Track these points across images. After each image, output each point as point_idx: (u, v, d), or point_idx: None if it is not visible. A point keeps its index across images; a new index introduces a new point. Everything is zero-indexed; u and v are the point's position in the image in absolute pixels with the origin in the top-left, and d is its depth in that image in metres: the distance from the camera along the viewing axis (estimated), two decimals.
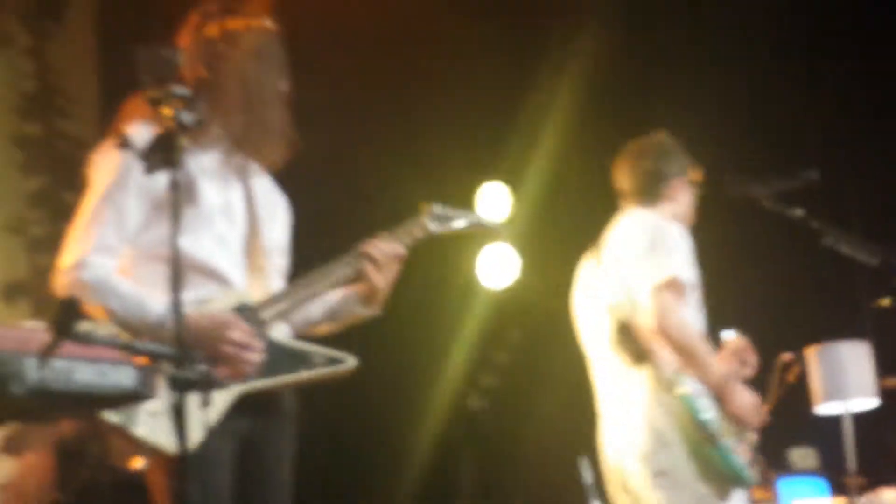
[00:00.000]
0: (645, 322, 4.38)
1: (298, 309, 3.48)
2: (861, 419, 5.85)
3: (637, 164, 4.71)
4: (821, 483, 6.53)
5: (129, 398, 2.83)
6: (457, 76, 7.53)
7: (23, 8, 7.30)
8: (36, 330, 2.63)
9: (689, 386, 4.31)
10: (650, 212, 4.59)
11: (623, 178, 4.78)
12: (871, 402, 5.88)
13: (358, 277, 3.44)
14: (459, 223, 3.80)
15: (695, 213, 4.79)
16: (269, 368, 3.29)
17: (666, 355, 4.37)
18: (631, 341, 4.51)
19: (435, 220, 3.68)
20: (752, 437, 4.55)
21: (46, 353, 2.48)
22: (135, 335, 3.10)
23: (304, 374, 3.37)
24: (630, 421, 4.44)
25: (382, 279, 3.43)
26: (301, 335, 3.48)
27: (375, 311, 3.55)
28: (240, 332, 3.22)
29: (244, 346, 3.21)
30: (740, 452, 4.36)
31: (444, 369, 6.95)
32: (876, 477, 5.87)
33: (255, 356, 3.24)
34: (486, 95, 7.59)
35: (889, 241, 4.79)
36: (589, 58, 7.74)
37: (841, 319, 6.69)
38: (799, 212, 4.53)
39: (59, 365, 2.56)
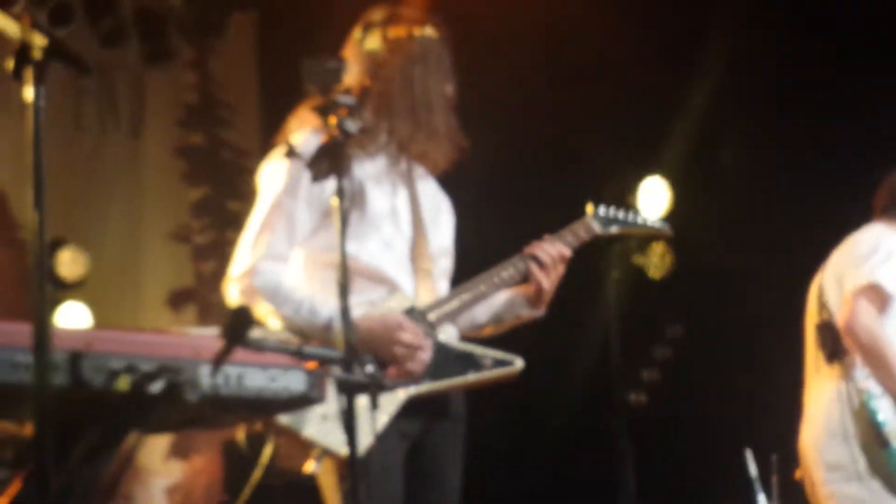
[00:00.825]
0: (838, 321, 4.48)
1: (465, 311, 3.56)
2: None
3: (888, 181, 4.74)
4: None
5: (299, 402, 2.96)
6: (614, 73, 7.70)
7: (186, 23, 7.56)
8: (209, 337, 2.75)
9: (873, 388, 4.39)
10: (887, 226, 4.65)
11: (876, 193, 4.86)
12: None
13: (523, 279, 3.52)
14: (624, 225, 3.93)
15: None
16: (437, 371, 3.40)
17: (858, 356, 4.49)
18: (830, 340, 4.59)
19: (600, 221, 3.80)
20: None
21: (219, 361, 2.60)
22: (305, 339, 3.15)
23: (472, 377, 3.46)
24: (814, 413, 4.57)
25: (548, 281, 3.50)
26: (467, 337, 3.55)
27: (541, 312, 3.62)
28: (410, 333, 3.31)
29: (415, 348, 3.31)
30: None
31: (604, 365, 6.72)
32: None
33: (426, 357, 3.34)
34: (645, 91, 7.69)
35: None
36: (746, 50, 7.73)
37: None
38: None
39: (231, 371, 2.71)
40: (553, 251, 3.55)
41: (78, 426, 2.64)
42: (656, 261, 5.81)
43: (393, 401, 3.35)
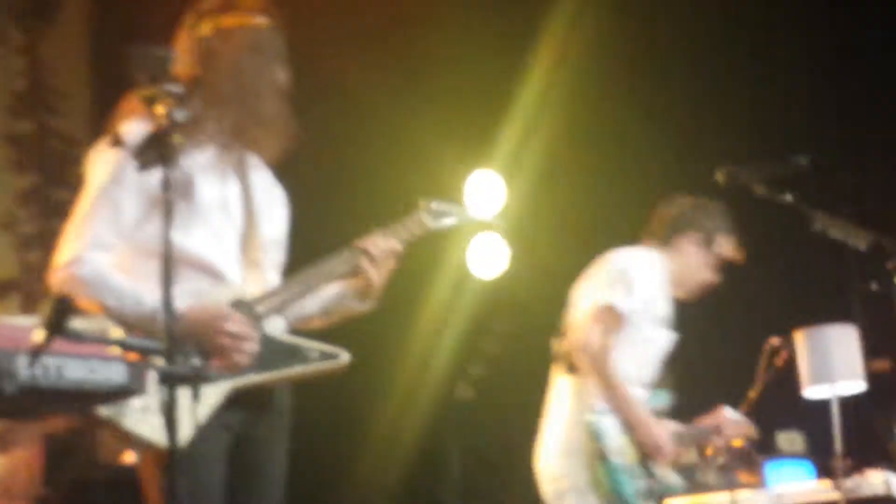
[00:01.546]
0: (571, 338, 4.53)
1: (294, 303, 3.46)
2: (847, 402, 5.86)
3: (666, 209, 4.81)
4: (807, 466, 6.53)
5: (119, 394, 2.82)
6: (449, 66, 7.59)
7: (15, 8, 7.45)
8: (27, 328, 2.60)
9: (599, 405, 4.40)
10: (648, 252, 4.72)
11: (651, 217, 4.91)
12: (857, 386, 5.86)
13: (354, 273, 3.44)
14: (455, 219, 3.82)
15: (703, 283, 4.83)
16: (263, 363, 3.27)
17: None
18: (566, 354, 4.64)
19: (432, 215, 3.70)
20: (670, 480, 4.64)
21: (37, 351, 2.49)
22: (130, 329, 3.05)
23: (298, 369, 3.35)
24: (547, 425, 4.64)
25: (378, 275, 3.44)
26: (295, 330, 3.46)
27: (370, 306, 3.55)
28: (236, 324, 3.20)
29: (241, 339, 3.19)
30: (640, 479, 4.46)
31: (432, 359, 6.95)
32: (861, 459, 5.90)
33: (251, 348, 3.22)
34: (480, 84, 7.63)
35: (879, 225, 4.72)
36: (583, 49, 7.69)
37: (829, 303, 6.62)
38: (789, 197, 4.52)
39: (49, 362, 2.57)
40: (383, 245, 3.48)
41: None
42: (486, 257, 5.91)
43: (216, 392, 3.21)
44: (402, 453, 7.30)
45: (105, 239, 3.29)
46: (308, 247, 3.56)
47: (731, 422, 4.88)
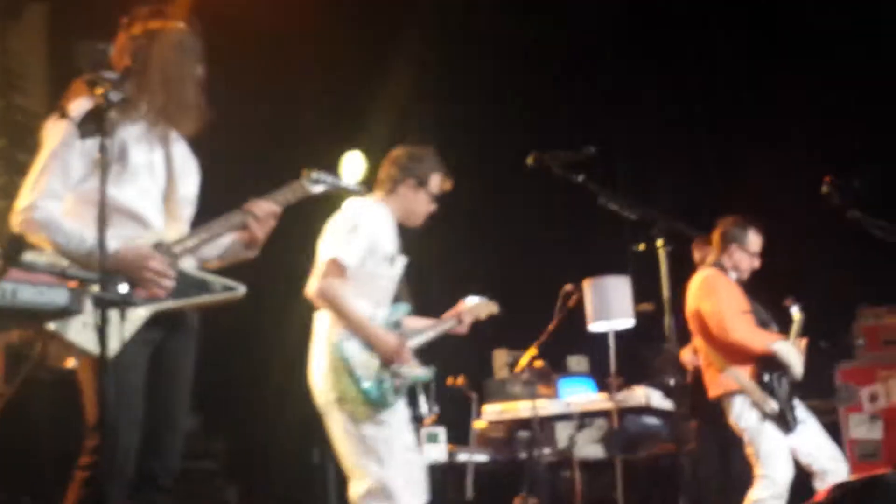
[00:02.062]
0: (310, 287, 4.74)
1: (201, 247, 3.79)
2: (621, 335, 6.54)
3: (389, 162, 5.06)
4: (590, 382, 7.28)
5: (63, 313, 3.17)
6: (328, 69, 8.24)
7: None
8: None
9: (342, 332, 4.63)
10: (376, 202, 4.96)
11: (380, 169, 5.18)
12: (628, 322, 6.55)
13: (243, 227, 3.82)
14: (329, 185, 4.23)
15: (426, 215, 5.04)
16: (178, 292, 3.61)
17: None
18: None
19: (311, 182, 4.07)
20: (414, 372, 4.84)
21: None
22: (74, 262, 3.37)
23: (205, 298, 3.72)
24: (314, 350, 4.83)
25: (261, 230, 3.81)
26: (202, 268, 3.81)
27: (254, 254, 3.93)
28: (157, 262, 3.56)
29: (160, 274, 3.55)
30: (384, 382, 4.65)
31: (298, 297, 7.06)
32: (630, 378, 6.68)
33: (169, 282, 3.57)
34: (350, 84, 8.34)
35: (646, 200, 5.12)
36: (417, 62, 8.39)
37: (609, 260, 7.08)
38: (581, 177, 4.77)
39: (6, 286, 2.92)
40: (266, 207, 3.82)
41: None
42: None
43: (140, 315, 3.55)
44: (281, 372, 7.17)
45: (56, 190, 3.57)
46: (212, 205, 3.90)
47: (470, 307, 5.19)
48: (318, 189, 4.19)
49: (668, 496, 6.26)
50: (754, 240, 6.19)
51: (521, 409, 6.74)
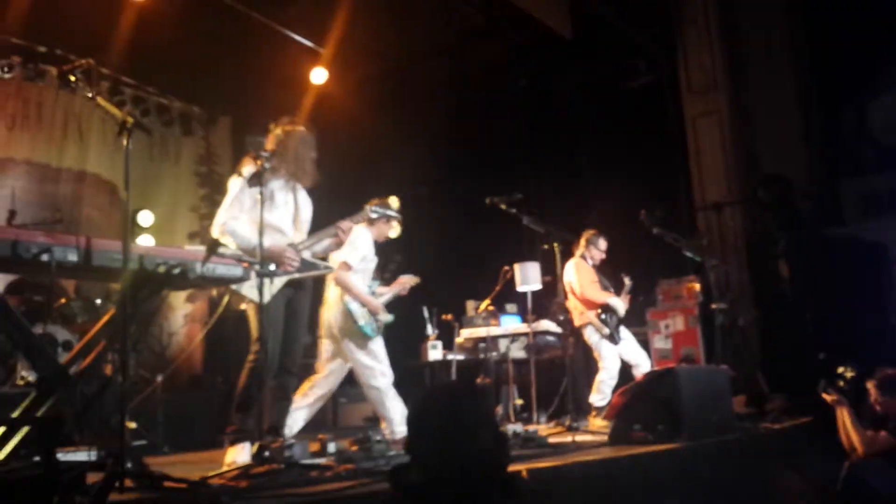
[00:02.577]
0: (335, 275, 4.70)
1: (312, 246, 3.88)
2: (536, 292, 6.46)
3: (365, 210, 4.54)
4: (518, 318, 7.14)
5: (239, 280, 3.44)
6: (377, 141, 8.17)
7: (196, 119, 8.27)
8: (199, 251, 3.24)
9: (346, 297, 4.68)
10: (366, 229, 4.85)
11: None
12: (538, 286, 6.49)
13: (335, 235, 3.90)
14: (380, 213, 4.26)
15: (388, 237, 4.95)
16: (300, 269, 3.77)
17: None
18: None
19: (372, 211, 4.18)
20: (385, 318, 4.75)
21: (204, 260, 3.14)
22: (246, 253, 3.51)
23: (314, 272, 3.86)
24: (329, 305, 4.82)
25: (344, 237, 3.89)
26: (314, 256, 3.92)
27: (339, 250, 4.09)
28: (290, 252, 3.69)
29: (291, 259, 3.69)
30: (372, 323, 4.65)
31: None
32: (539, 315, 6.64)
33: (295, 263, 3.71)
34: (391, 149, 8.17)
35: (547, 220, 5.68)
36: (442, 130, 8.31)
37: (529, 254, 7.19)
38: (513, 210, 5.32)
39: (210, 266, 3.20)
40: (346, 224, 3.89)
41: (142, 288, 2.97)
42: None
43: (280, 280, 3.66)
44: None
45: (236, 214, 3.69)
46: (318, 224, 4.00)
47: (405, 280, 5.13)
48: (374, 216, 4.30)
49: (558, 379, 6.35)
50: (602, 243, 6.42)
51: (481, 332, 6.82)
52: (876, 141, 8.21)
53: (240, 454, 3.49)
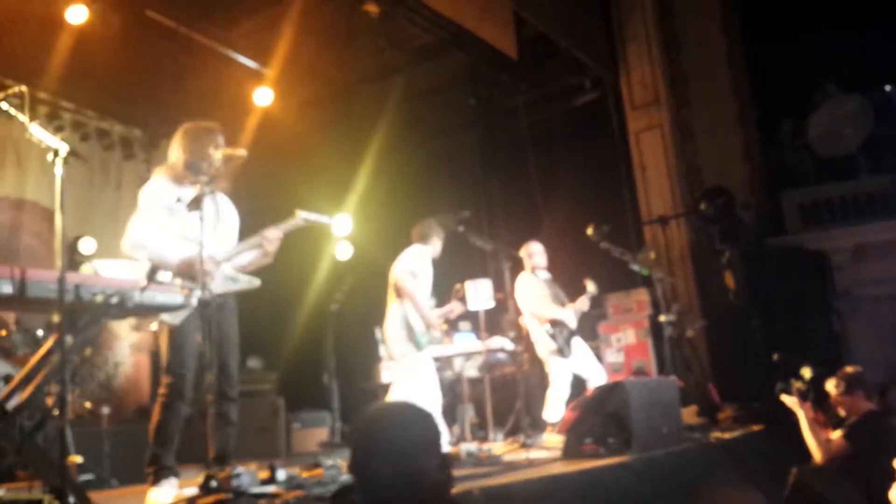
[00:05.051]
0: (395, 282, 5.12)
1: (236, 258, 3.72)
2: (488, 311, 5.80)
3: (419, 228, 5.34)
4: (473, 335, 7.11)
5: (180, 307, 3.29)
6: (325, 159, 8.46)
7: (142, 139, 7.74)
8: (137, 279, 3.08)
9: (411, 309, 4.99)
10: (419, 247, 5.27)
11: (414, 231, 5.39)
12: (490, 303, 5.76)
13: (260, 246, 3.68)
14: (312, 220, 3.77)
15: (438, 254, 5.32)
16: (223, 283, 3.61)
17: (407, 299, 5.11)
18: (394, 288, 5.25)
19: (301, 218, 3.72)
20: (439, 333, 5.15)
21: (143, 288, 3.03)
22: (159, 267, 3.39)
23: (237, 286, 3.68)
24: (389, 319, 5.16)
25: (271, 248, 3.67)
26: (238, 270, 3.75)
27: (269, 261, 3.75)
28: (208, 264, 3.47)
29: (208, 271, 3.46)
30: (428, 336, 5.02)
31: (320, 292, 7.23)
32: (492, 332, 6.31)
33: (214, 276, 3.52)
34: (338, 169, 8.49)
35: (496, 238, 6.15)
36: (389, 151, 8.55)
37: (482, 271, 7.20)
38: (462, 229, 5.47)
39: (148, 293, 3.05)
40: (273, 233, 3.66)
41: (79, 318, 2.86)
42: None
43: (195, 299, 3.37)
44: (303, 332, 7.60)
45: (147, 227, 3.50)
46: (246, 232, 3.85)
47: (456, 306, 5.43)
48: (303, 223, 3.84)
49: (511, 395, 6.50)
50: (535, 248, 6.34)
51: (434, 351, 6.08)
52: (814, 153, 8.68)
53: (162, 492, 3.39)
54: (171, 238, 3.42)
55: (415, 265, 5.16)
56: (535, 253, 6.36)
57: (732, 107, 8.45)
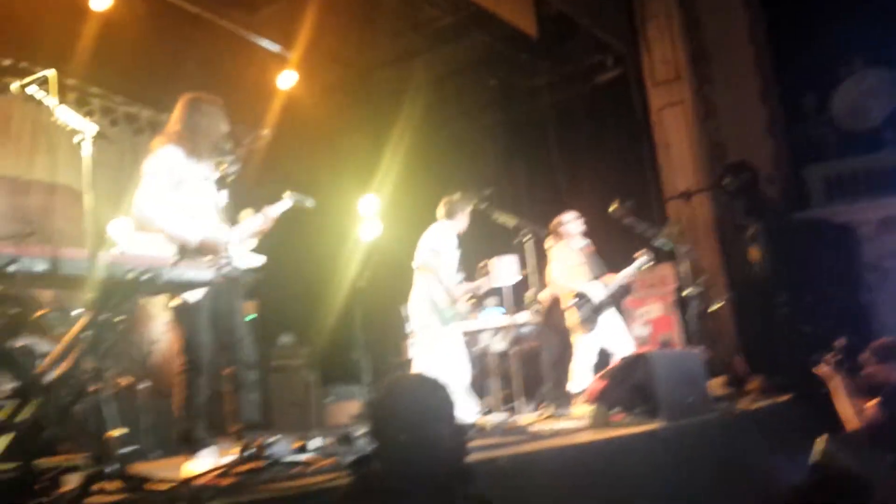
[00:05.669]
0: (418, 259, 5.15)
1: (244, 237, 3.81)
2: (514, 285, 6.05)
3: (445, 203, 5.37)
4: (501, 309, 6.81)
5: (208, 283, 3.30)
6: (349, 142, 8.37)
7: None
8: (166, 256, 3.12)
9: (432, 285, 5.04)
10: (446, 222, 5.29)
11: (439, 207, 5.45)
12: (517, 279, 5.95)
13: (262, 224, 3.86)
14: (297, 200, 3.98)
15: (462, 231, 5.35)
16: (235, 263, 3.62)
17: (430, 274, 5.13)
18: (418, 264, 5.31)
19: (289, 198, 3.95)
20: (466, 308, 5.22)
21: (173, 265, 3.07)
22: (178, 246, 3.40)
23: (247, 264, 3.75)
24: (413, 294, 5.25)
25: (266, 223, 3.85)
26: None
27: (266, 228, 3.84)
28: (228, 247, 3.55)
29: (227, 253, 3.55)
30: (453, 310, 5.10)
31: (347, 271, 6.94)
32: (518, 307, 6.26)
33: (230, 257, 3.57)
34: (365, 151, 8.47)
35: (519, 216, 5.67)
36: (412, 133, 8.45)
37: (507, 248, 6.36)
38: (483, 205, 5.43)
39: (177, 270, 3.05)
40: (271, 212, 3.86)
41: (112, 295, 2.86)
42: None
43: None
44: (334, 310, 7.43)
45: (158, 202, 3.46)
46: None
47: (484, 282, 5.46)
48: (291, 203, 3.98)
49: (536, 369, 6.33)
50: (568, 218, 6.32)
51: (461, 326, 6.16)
52: (837, 127, 8.64)
53: (198, 462, 3.42)
54: (182, 215, 3.40)
55: (437, 242, 5.18)
56: (565, 222, 6.31)
57: (755, 82, 8.43)
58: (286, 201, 3.85)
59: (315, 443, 3.65)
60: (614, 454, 3.77)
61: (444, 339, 5.01)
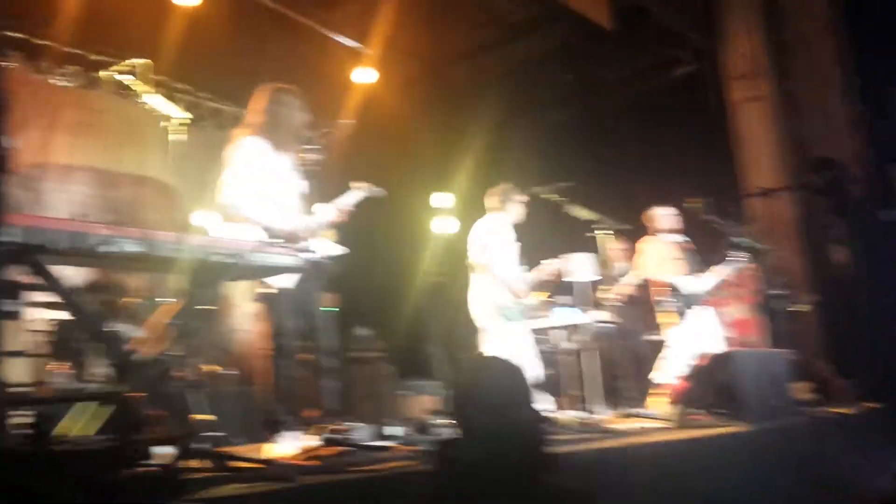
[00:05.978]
0: (471, 257, 5.09)
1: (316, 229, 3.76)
2: (589, 284, 6.03)
3: (493, 195, 5.31)
4: (577, 309, 6.60)
5: (293, 270, 3.32)
6: (425, 137, 8.48)
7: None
8: (252, 241, 3.10)
9: (493, 283, 4.94)
10: (496, 215, 5.23)
11: (488, 199, 5.40)
12: (592, 276, 5.99)
13: (334, 216, 3.81)
14: (369, 192, 3.97)
15: (523, 217, 5.28)
16: (316, 254, 3.63)
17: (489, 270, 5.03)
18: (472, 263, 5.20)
19: (358, 189, 3.93)
20: (533, 303, 5.08)
21: (259, 250, 3.03)
22: (269, 235, 3.41)
23: (331, 254, 3.76)
24: (471, 292, 5.16)
25: (344, 216, 3.85)
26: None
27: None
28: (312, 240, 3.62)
29: (309, 246, 3.60)
30: (518, 305, 4.97)
31: (424, 265, 7.32)
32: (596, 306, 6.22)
33: (311, 249, 3.60)
34: (439, 154, 8.60)
35: (600, 210, 5.65)
36: (481, 140, 8.52)
37: (580, 244, 6.40)
38: (557, 197, 5.30)
39: (263, 255, 3.04)
40: (342, 203, 3.85)
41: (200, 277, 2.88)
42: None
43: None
44: (409, 304, 7.74)
45: (247, 190, 3.52)
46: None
47: (550, 272, 5.39)
48: (361, 194, 3.94)
49: (611, 368, 6.27)
50: (660, 212, 6.26)
51: (535, 324, 6.04)
52: None
53: (280, 445, 3.44)
54: (268, 204, 3.43)
55: (485, 236, 5.05)
56: (656, 217, 6.20)
57: (836, 77, 7.99)
58: (356, 192, 3.83)
59: (395, 430, 3.59)
60: (697, 454, 3.71)
61: (512, 336, 4.92)
